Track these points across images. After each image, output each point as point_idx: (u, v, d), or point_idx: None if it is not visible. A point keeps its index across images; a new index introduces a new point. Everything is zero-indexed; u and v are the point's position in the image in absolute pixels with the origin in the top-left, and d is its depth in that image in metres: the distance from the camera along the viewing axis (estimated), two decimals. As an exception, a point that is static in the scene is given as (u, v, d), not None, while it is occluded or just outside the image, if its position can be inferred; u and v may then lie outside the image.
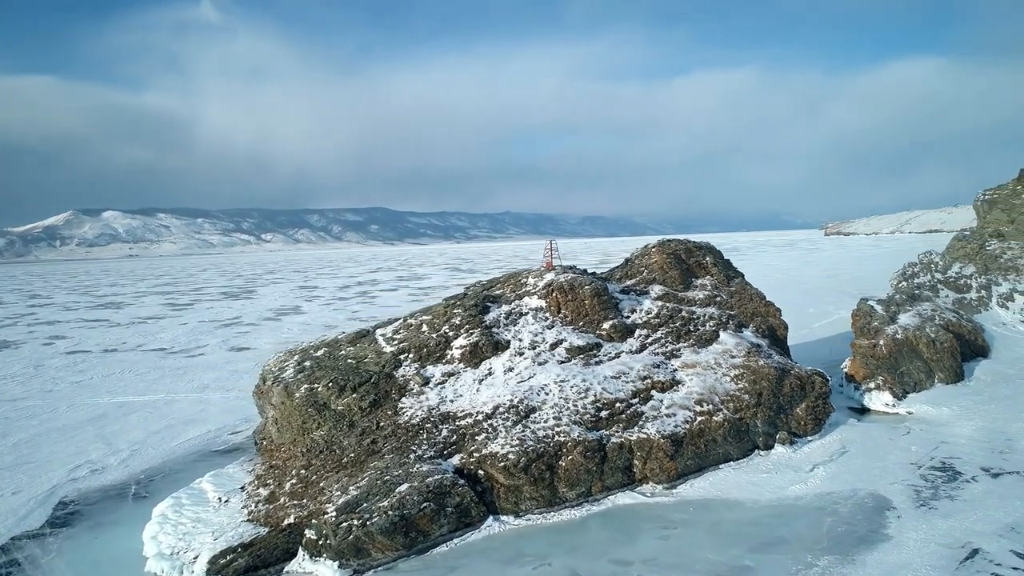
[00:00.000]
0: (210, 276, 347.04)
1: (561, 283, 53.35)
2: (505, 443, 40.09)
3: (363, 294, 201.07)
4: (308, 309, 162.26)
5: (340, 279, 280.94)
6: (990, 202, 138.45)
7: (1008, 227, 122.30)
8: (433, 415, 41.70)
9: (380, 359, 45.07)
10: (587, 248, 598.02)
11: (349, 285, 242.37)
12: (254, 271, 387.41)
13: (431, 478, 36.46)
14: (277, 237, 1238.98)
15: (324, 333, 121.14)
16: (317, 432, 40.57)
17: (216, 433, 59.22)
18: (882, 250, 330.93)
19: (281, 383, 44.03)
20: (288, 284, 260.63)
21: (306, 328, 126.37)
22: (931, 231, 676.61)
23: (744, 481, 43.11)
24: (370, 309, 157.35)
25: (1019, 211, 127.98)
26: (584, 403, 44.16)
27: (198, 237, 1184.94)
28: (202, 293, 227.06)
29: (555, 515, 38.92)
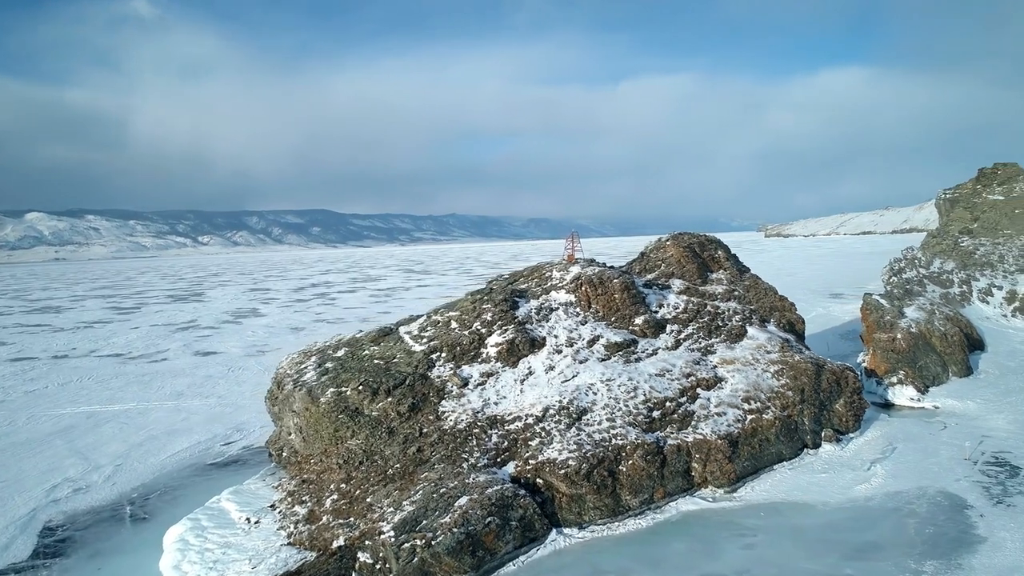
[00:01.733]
0: (150, 279, 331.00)
1: (590, 276, 50.21)
2: (562, 448, 36.67)
3: (321, 296, 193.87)
4: (267, 311, 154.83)
5: (291, 281, 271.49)
6: (952, 200, 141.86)
7: (973, 224, 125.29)
8: (480, 419, 37.92)
9: (411, 359, 41.00)
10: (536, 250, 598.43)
11: (303, 287, 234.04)
12: (196, 274, 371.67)
13: (491, 489, 32.75)
14: (215, 240, 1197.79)
15: (291, 335, 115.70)
16: (352, 441, 36.26)
17: (206, 444, 53.81)
18: (825, 251, 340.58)
19: (303, 387, 39.48)
20: (237, 287, 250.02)
21: (272, 331, 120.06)
22: (864, 232, 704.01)
23: (804, 482, 40.79)
24: (334, 311, 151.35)
25: (981, 209, 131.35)
26: (635, 403, 41.13)
27: (130, 240, 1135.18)
28: (146, 296, 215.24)
29: (620, 525, 35.70)
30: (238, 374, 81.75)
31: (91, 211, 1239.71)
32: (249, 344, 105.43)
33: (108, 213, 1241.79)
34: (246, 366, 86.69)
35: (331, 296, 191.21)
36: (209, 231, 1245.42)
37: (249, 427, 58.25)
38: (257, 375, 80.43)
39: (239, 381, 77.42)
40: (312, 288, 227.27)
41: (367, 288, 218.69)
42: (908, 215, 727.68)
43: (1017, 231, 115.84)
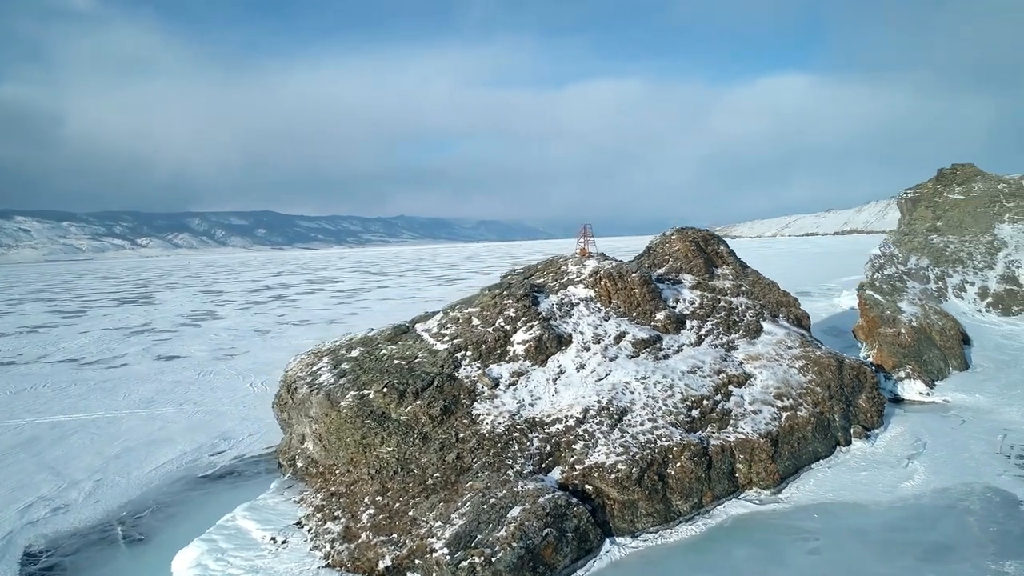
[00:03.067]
0: (90, 282, 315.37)
1: (609, 271, 47.94)
2: (609, 451, 34.21)
3: (279, 298, 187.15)
4: (226, 314, 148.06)
5: (243, 284, 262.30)
6: (913, 200, 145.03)
7: (936, 223, 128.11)
8: (518, 422, 35.13)
9: (435, 358, 37.92)
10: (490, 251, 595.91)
11: (257, 289, 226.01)
12: (139, 277, 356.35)
13: (543, 498, 30.05)
14: (154, 242, 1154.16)
15: (258, 338, 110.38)
16: (382, 448, 33.00)
17: (192, 455, 49.46)
18: (775, 251, 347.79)
19: (320, 391, 35.97)
20: (186, 289, 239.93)
21: (236, 334, 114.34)
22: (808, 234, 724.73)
23: (847, 481, 39.33)
24: (296, 313, 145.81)
25: (943, 208, 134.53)
26: (673, 401, 39.00)
27: (63, 242, 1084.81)
28: (90, 300, 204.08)
29: (672, 532, 33.44)
30: (209, 379, 76.68)
31: (20, 212, 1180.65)
32: (214, 347, 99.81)
33: (39, 214, 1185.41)
34: (217, 370, 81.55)
35: (290, 298, 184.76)
36: (148, 233, 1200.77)
37: (235, 435, 54.05)
38: (231, 380, 75.70)
39: (212, 386, 72.50)
40: (267, 290, 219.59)
41: (326, 290, 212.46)
42: (848, 217, 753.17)
43: (981, 229, 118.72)
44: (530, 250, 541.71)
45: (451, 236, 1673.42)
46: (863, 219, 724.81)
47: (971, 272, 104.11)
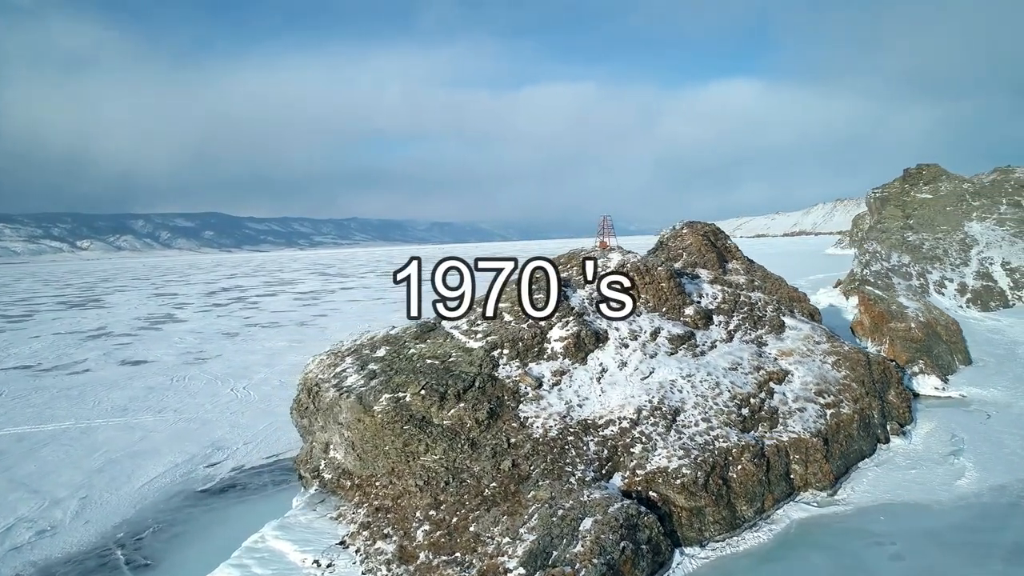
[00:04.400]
0: (30, 286, 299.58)
1: (636, 264, 45.63)
2: (670, 454, 31.76)
3: (239, 300, 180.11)
4: (186, 317, 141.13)
5: (196, 286, 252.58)
6: (882, 199, 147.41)
7: (906, 221, 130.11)
8: (570, 425, 32.39)
9: (471, 357, 34.89)
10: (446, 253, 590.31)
11: (213, 291, 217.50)
12: (83, 280, 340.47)
13: (613, 508, 27.42)
14: (96, 244, 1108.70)
15: (227, 341, 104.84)
16: (427, 457, 29.83)
17: (185, 467, 45.24)
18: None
19: (350, 394, 32.54)
20: (137, 292, 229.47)
21: (203, 337, 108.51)
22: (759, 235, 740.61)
23: (899, 480, 37.75)
24: (262, 315, 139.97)
25: (912, 207, 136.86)
26: (723, 400, 36.83)
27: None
28: (34, 304, 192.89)
29: (739, 540, 31.17)
30: (185, 384, 71.68)
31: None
32: (183, 352, 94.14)
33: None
34: (191, 375, 76.44)
35: (251, 300, 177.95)
36: (89, 235, 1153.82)
37: (228, 445, 49.90)
38: (209, 385, 70.91)
39: (190, 392, 67.66)
40: (224, 292, 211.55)
41: (286, 291, 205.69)
42: (797, 219, 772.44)
43: (952, 227, 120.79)
44: (487, 251, 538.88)
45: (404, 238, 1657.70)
46: (811, 221, 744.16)
47: (948, 269, 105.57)
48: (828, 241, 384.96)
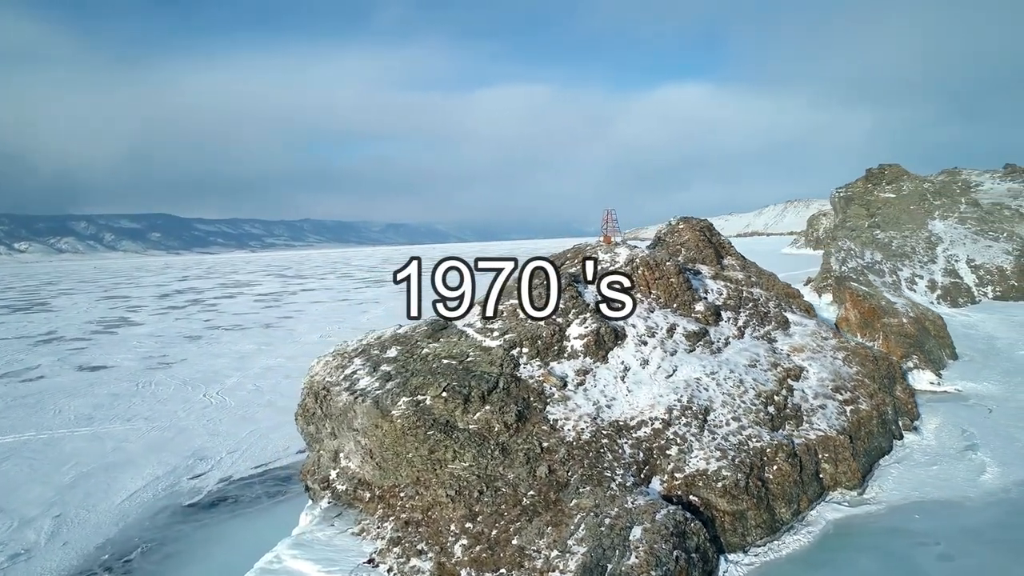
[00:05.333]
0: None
1: (645, 259, 44.13)
2: (707, 456, 30.22)
3: (196, 302, 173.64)
4: (142, 320, 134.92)
5: (147, 289, 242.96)
6: (847, 199, 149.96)
7: (869, 220, 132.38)
8: (602, 427, 30.55)
9: (490, 357, 32.74)
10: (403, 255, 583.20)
11: (167, 294, 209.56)
12: (24, 283, 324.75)
13: (660, 515, 25.69)
14: (34, 247, 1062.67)
15: (191, 344, 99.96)
16: (456, 464, 27.59)
17: (167, 480, 41.99)
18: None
19: (365, 398, 30.04)
20: (85, 295, 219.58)
21: (163, 341, 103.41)
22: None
23: (923, 476, 36.99)
24: (224, 317, 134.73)
25: (875, 206, 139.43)
26: (749, 398, 35.51)
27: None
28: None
29: (780, 544, 29.77)
30: (152, 391, 67.56)
31: None
32: (143, 356, 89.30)
33: None
34: (157, 381, 72.20)
35: (208, 302, 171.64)
36: (27, 237, 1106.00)
37: (211, 454, 46.67)
38: (179, 391, 66.99)
39: (160, 399, 63.71)
40: (179, 295, 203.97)
41: (245, 293, 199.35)
42: (749, 220, 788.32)
43: (917, 225, 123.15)
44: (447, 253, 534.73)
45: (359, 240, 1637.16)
46: (763, 222, 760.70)
47: (917, 266, 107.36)
48: (783, 241, 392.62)
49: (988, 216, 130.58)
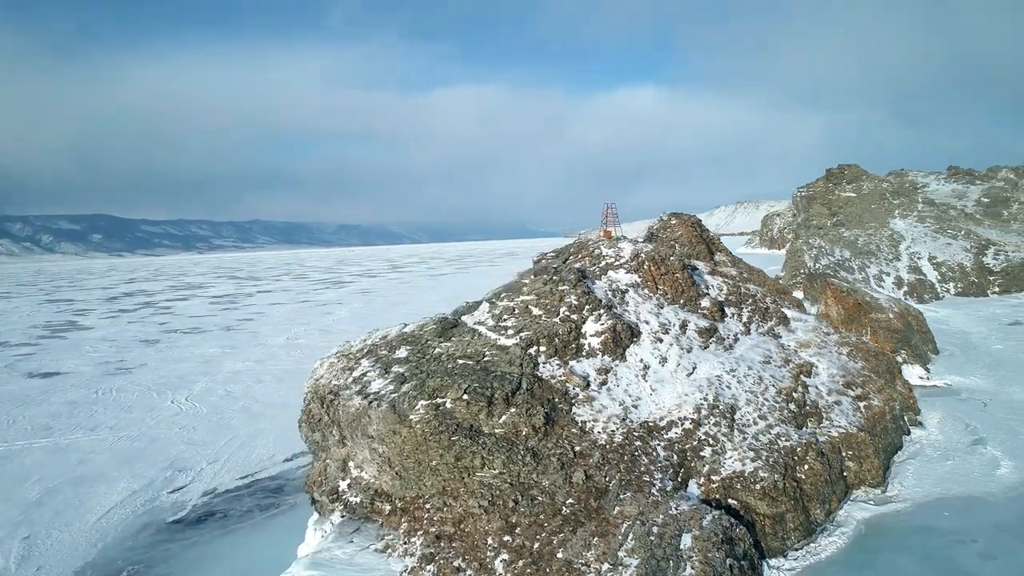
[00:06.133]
0: None
1: (651, 254, 42.81)
2: (742, 456, 28.90)
3: (148, 305, 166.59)
4: (92, 323, 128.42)
5: (93, 292, 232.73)
6: (808, 198, 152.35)
7: (831, 219, 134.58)
8: (633, 428, 28.91)
9: (507, 356, 30.79)
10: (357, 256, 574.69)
11: (116, 297, 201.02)
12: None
13: (706, 521, 24.22)
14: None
15: (149, 348, 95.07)
16: (485, 472, 25.57)
17: (145, 494, 38.81)
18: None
19: (380, 401, 27.76)
20: (25, 298, 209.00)
21: (118, 345, 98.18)
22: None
23: (939, 472, 36.44)
24: (180, 320, 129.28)
25: (837, 205, 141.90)
26: (771, 395, 34.42)
27: None
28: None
29: (817, 546, 28.63)
30: (115, 397, 63.48)
31: None
32: (99, 361, 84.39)
33: None
34: (119, 387, 67.99)
35: (161, 305, 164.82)
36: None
37: (190, 465, 43.55)
38: (143, 398, 63.09)
39: (124, 407, 59.77)
40: (128, 298, 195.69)
41: (199, 296, 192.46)
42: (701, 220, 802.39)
43: (879, 224, 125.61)
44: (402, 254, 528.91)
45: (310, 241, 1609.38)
46: (714, 222, 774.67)
47: (884, 263, 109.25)
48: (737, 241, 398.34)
49: (944, 215, 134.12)
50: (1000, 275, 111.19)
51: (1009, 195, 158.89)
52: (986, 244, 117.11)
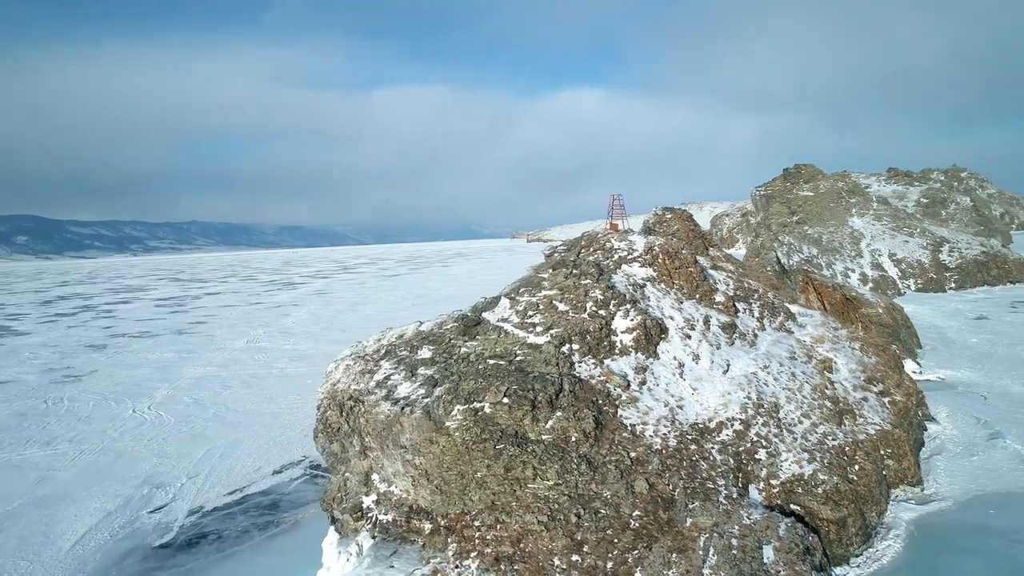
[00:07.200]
0: None
1: (665, 247, 41.03)
2: (798, 459, 27.18)
3: (88, 308, 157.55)
4: (28, 329, 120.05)
5: (24, 295, 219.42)
6: (767, 196, 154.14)
7: (791, 217, 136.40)
8: (685, 431, 26.82)
9: (542, 355, 28.31)
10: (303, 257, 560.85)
11: (50, 300, 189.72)
12: None
13: (782, 529, 22.35)
14: None
15: (98, 354, 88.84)
16: (539, 483, 23.05)
17: (123, 515, 34.83)
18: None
19: (413, 408, 24.92)
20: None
21: (61, 351, 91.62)
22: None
23: (969, 468, 35.58)
24: (125, 324, 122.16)
25: (796, 204, 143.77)
26: (806, 392, 32.90)
27: None
28: None
29: (875, 552, 27.07)
30: (68, 407, 58.32)
31: None
32: (44, 368, 78.15)
33: None
34: (71, 396, 62.64)
35: (102, 308, 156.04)
36: None
37: (167, 481, 39.61)
38: (101, 407, 58.18)
39: (80, 417, 54.84)
40: (64, 301, 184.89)
41: (142, 298, 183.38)
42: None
43: (839, 222, 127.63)
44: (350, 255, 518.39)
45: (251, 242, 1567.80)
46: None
47: (848, 260, 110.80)
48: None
49: (898, 214, 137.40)
50: (955, 271, 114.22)
51: (946, 196, 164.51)
52: (941, 241, 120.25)
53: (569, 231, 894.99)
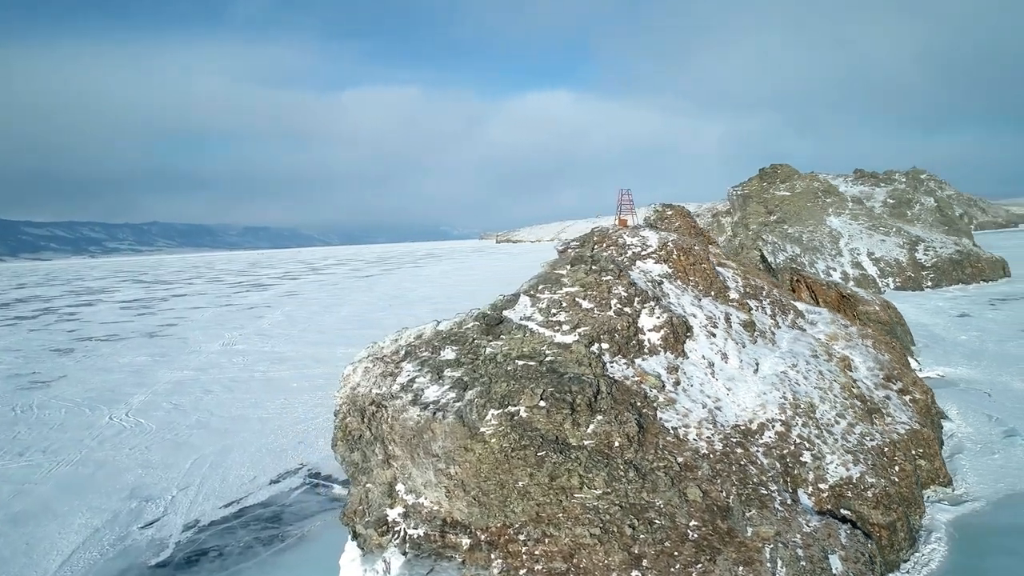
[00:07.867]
0: None
1: (679, 243, 39.79)
2: (843, 460, 26.04)
3: (48, 311, 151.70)
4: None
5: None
6: (744, 196, 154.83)
7: (769, 216, 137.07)
8: (729, 434, 25.46)
9: (573, 355, 26.72)
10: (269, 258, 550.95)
11: (8, 303, 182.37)
12: None
13: (842, 537, 21.18)
14: None
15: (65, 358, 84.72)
16: (587, 492, 21.43)
17: (111, 531, 32.33)
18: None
19: (445, 413, 23.10)
20: None
21: (26, 356, 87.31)
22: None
23: (992, 467, 34.97)
24: (91, 327, 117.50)
25: (773, 203, 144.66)
26: (836, 391, 31.86)
27: None
28: None
29: (921, 555, 26.03)
30: (38, 415, 54.99)
31: None
32: (8, 375, 74.12)
33: None
34: (40, 403, 59.22)
35: (65, 311, 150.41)
36: None
37: (156, 493, 37.07)
38: (74, 414, 55.06)
39: (52, 426, 51.66)
40: (22, 304, 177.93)
41: (105, 301, 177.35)
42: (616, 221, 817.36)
43: (817, 221, 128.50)
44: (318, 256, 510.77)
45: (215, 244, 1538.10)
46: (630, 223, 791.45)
47: (829, 258, 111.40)
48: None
49: (872, 213, 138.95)
50: (931, 270, 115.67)
51: (911, 196, 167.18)
52: (916, 241, 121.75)
53: (539, 232, 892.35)
